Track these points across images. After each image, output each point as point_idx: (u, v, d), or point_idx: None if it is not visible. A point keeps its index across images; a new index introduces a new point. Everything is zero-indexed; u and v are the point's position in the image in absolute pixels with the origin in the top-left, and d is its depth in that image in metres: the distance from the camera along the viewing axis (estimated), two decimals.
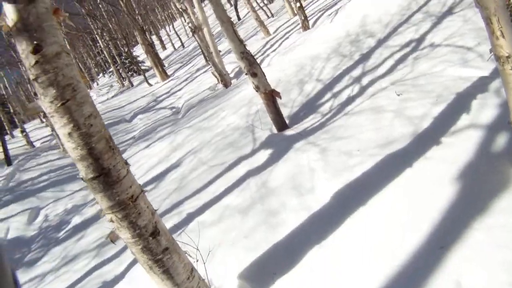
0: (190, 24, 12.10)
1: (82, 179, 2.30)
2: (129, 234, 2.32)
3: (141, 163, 8.41)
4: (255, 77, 5.98)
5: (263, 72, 6.09)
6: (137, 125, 13.52)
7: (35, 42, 2.03)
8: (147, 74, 23.38)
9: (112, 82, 29.98)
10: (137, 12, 23.00)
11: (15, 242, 8.18)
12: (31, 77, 2.10)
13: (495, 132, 3.79)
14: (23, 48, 2.06)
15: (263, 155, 5.53)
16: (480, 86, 4.73)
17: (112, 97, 23.76)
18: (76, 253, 6.26)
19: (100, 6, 28.09)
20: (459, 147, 3.76)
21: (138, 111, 15.83)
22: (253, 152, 5.87)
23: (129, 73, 26.51)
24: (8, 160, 14.54)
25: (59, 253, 6.70)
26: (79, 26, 41.94)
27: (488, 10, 2.72)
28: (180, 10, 12.43)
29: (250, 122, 7.14)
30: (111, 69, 33.11)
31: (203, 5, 13.59)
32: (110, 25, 29.41)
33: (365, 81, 6.54)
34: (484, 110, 4.20)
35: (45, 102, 2.11)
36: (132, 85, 24.45)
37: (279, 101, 6.24)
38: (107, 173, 2.22)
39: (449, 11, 7.74)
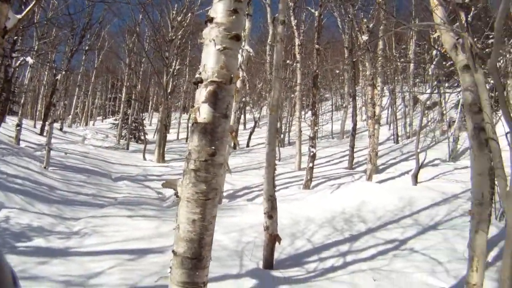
0: None
1: (174, 252, 2.87)
2: None
3: (123, 228, 8.59)
4: (270, 219, 6.87)
5: (277, 218, 6.96)
6: (121, 189, 13.64)
7: (213, 148, 2.71)
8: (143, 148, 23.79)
9: (109, 134, 30.30)
10: (169, 91, 23.66)
11: None
12: (192, 166, 2.73)
13: None
14: (200, 143, 2.71)
15: (250, 282, 6.10)
16: None
17: (106, 147, 23.97)
18: (36, 275, 6.11)
19: (141, 64, 29.38)
20: None
21: (126, 176, 16.10)
22: (240, 275, 6.42)
23: (130, 136, 27.01)
24: None
25: (16, 263, 6.43)
26: (110, 64, 43.18)
27: (474, 252, 3.96)
28: None
29: (240, 249, 7.76)
30: (115, 121, 33.55)
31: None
32: (139, 86, 30.46)
33: (349, 258, 7.47)
34: None
35: (190, 189, 2.74)
36: (127, 149, 24.83)
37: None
38: (201, 259, 2.81)
39: (434, 226, 8.99)
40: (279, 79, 7.08)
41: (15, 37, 17.07)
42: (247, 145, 26.45)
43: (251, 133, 27.24)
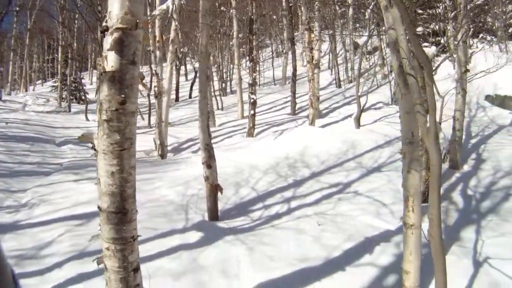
0: (156, 88, 12.72)
1: (99, 208, 2.81)
2: (117, 264, 2.79)
3: (70, 194, 8.34)
4: (209, 168, 6.86)
5: (216, 167, 6.93)
6: (66, 153, 13.26)
7: (123, 96, 2.62)
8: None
9: (50, 97, 29.28)
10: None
11: None
12: (104, 117, 2.65)
13: (389, 273, 5.01)
14: (110, 92, 2.62)
15: (195, 235, 6.11)
16: (385, 236, 6.03)
17: (47, 112, 23.15)
18: None
19: (76, 20, 28.24)
20: (359, 277, 4.93)
21: (70, 140, 15.65)
22: (186, 229, 6.42)
23: (71, 97, 26.06)
24: None
25: None
26: (43, 24, 41.23)
27: (409, 192, 3.97)
28: (154, 71, 13.08)
29: (185, 203, 7.75)
30: (55, 84, 32.26)
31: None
32: (75, 44, 29.33)
33: (293, 204, 7.57)
34: (384, 255, 5.45)
35: (105, 140, 2.66)
36: (70, 111, 24.06)
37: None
38: (125, 213, 2.76)
39: (378, 168, 9.19)
40: (206, 26, 6.95)
41: None
42: (190, 97, 26.02)
43: (192, 84, 26.67)
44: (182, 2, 11.49)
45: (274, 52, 34.67)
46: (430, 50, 2.95)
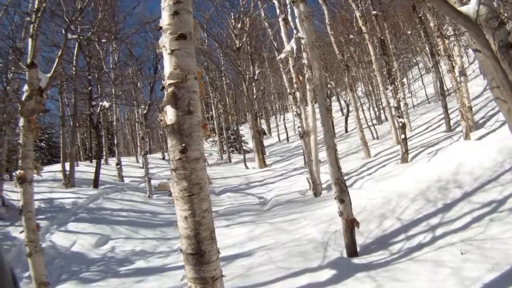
0: (300, 128, 12.97)
1: (181, 250, 3.00)
2: None
3: (219, 238, 8.69)
4: (342, 203, 6.69)
5: (350, 201, 6.78)
6: (224, 201, 14.15)
7: (183, 145, 2.82)
8: (246, 156, 24.21)
9: (212, 151, 31.40)
10: (255, 96, 24.25)
11: (76, 256, 8.89)
12: (172, 166, 2.89)
13: None
14: (173, 143, 2.85)
15: (327, 274, 6.00)
16: None
17: (209, 165, 24.80)
18: None
19: (223, 78, 30.22)
20: None
21: (228, 188, 16.62)
22: (320, 267, 6.34)
23: (231, 148, 27.71)
24: (96, 183, 16.28)
25: (116, 285, 7.26)
26: None
27: None
28: (296, 112, 13.37)
29: (326, 240, 7.65)
30: (214, 139, 34.67)
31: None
32: (227, 99, 31.26)
33: (438, 232, 6.92)
34: None
35: (176, 188, 2.88)
36: (230, 161, 25.48)
37: (356, 229, 6.78)
38: (202, 254, 2.89)
39: None
40: (316, 58, 7.00)
41: (89, 88, 18.41)
42: (346, 131, 26.13)
43: (346, 118, 26.84)
44: (303, 42, 11.67)
45: (423, 69, 33.38)
46: (471, 6, 2.05)
